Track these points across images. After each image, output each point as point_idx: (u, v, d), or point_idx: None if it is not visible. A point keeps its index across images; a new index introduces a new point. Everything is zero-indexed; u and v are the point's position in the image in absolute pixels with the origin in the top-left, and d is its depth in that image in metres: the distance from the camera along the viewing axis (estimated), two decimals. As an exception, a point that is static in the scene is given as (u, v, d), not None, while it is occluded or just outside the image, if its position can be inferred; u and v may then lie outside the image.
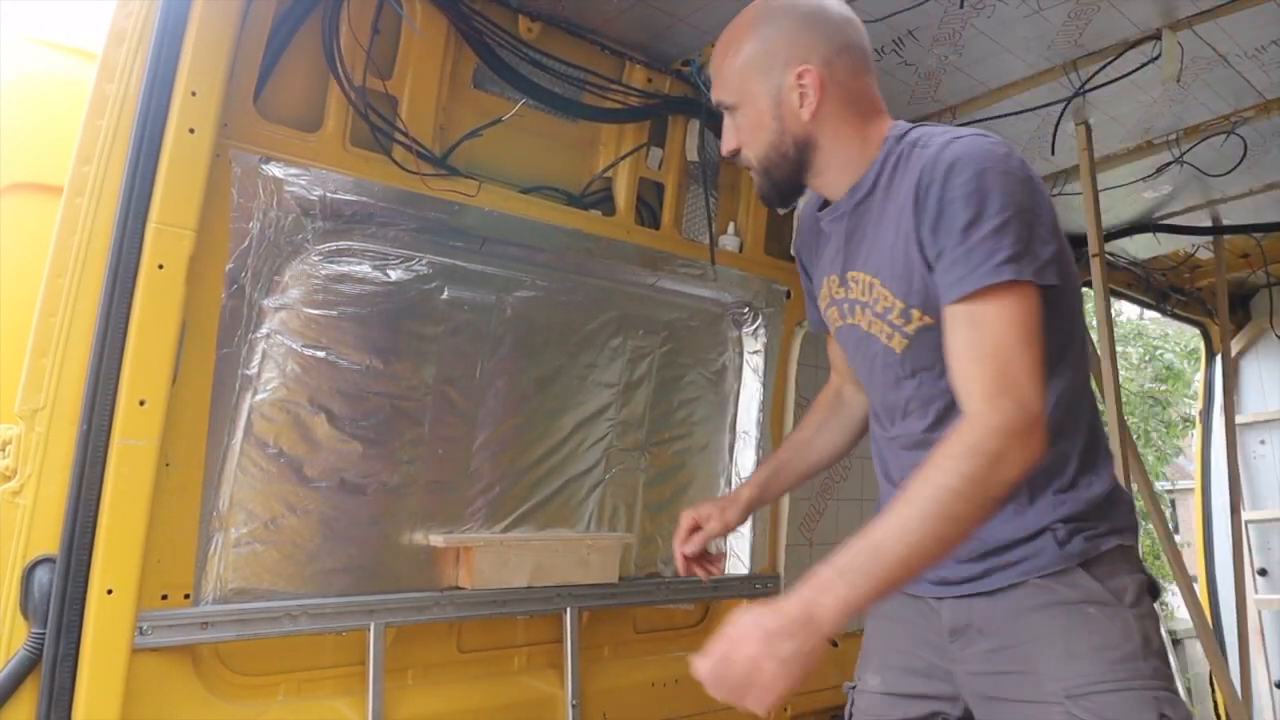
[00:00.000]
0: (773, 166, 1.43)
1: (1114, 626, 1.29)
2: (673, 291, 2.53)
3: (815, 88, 1.36)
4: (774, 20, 1.40)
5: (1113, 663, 1.27)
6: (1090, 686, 1.27)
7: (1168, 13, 2.19)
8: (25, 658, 1.46)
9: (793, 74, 1.36)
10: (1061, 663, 1.30)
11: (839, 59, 1.38)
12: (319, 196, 1.85)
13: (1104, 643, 1.28)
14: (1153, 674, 1.28)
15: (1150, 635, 1.30)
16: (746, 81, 1.40)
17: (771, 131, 1.40)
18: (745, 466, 2.67)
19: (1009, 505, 1.33)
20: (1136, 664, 1.27)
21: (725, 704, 1.17)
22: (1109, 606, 1.30)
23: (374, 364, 1.97)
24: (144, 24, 1.58)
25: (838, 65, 1.38)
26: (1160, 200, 3.40)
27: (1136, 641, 1.29)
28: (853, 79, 1.40)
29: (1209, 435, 4.66)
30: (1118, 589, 1.32)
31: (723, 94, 1.44)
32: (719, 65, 1.45)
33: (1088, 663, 1.29)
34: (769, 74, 1.38)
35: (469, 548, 2.05)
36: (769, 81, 1.38)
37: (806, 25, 1.39)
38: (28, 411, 1.50)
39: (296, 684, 1.84)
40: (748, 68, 1.40)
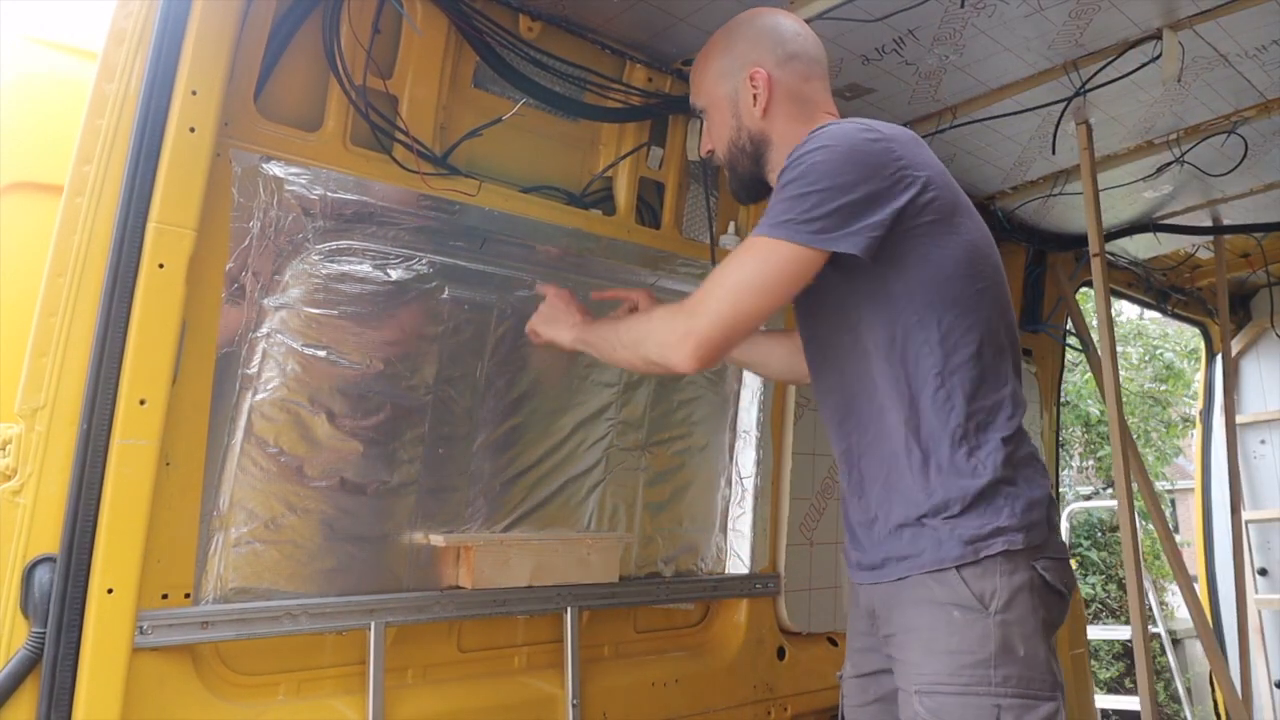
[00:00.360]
0: (735, 161, 1.65)
1: (972, 632, 1.36)
2: (673, 291, 2.52)
3: (765, 87, 1.57)
4: (736, 33, 1.65)
5: (961, 667, 1.35)
6: (935, 686, 1.37)
7: (1168, 12, 2.19)
8: (25, 657, 1.46)
9: (746, 75, 1.59)
10: (921, 658, 1.41)
11: (789, 64, 1.60)
12: (319, 196, 1.85)
13: (958, 646, 1.36)
14: (1002, 681, 1.34)
15: (1012, 642, 1.35)
16: (713, 86, 1.64)
17: (731, 128, 1.62)
18: (745, 466, 2.67)
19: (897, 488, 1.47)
20: (986, 670, 1.34)
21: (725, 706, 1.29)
22: (972, 611, 1.37)
23: (374, 363, 1.97)
24: (144, 24, 1.58)
25: (787, 69, 1.59)
26: (1160, 200, 3.40)
27: (990, 649, 1.35)
28: (802, 83, 1.61)
29: (1209, 435, 4.66)
30: (985, 593, 1.37)
31: (696, 99, 1.70)
32: (695, 76, 1.70)
33: (939, 662, 1.38)
34: (729, 78, 1.61)
35: (469, 547, 2.05)
36: (729, 84, 1.61)
37: (761, 36, 1.62)
38: (28, 411, 1.50)
39: (296, 684, 1.84)
40: (714, 74, 1.64)
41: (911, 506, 1.46)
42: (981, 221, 1.56)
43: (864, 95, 2.54)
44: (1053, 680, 1.39)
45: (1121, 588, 10.14)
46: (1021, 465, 1.46)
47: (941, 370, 1.44)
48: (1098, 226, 2.78)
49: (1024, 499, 1.43)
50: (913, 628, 1.44)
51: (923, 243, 1.43)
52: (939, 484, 1.44)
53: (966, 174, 3.09)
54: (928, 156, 1.49)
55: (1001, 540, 1.39)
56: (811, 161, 1.39)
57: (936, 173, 1.47)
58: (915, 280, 1.44)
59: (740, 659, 2.56)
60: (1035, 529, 1.42)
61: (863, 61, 2.36)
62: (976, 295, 1.47)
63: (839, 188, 1.37)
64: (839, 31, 2.19)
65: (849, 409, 1.57)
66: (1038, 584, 1.40)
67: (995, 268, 1.53)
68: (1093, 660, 7.62)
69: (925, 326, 1.44)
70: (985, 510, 1.41)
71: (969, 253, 1.47)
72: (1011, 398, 1.49)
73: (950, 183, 1.49)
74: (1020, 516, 1.41)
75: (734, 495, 2.67)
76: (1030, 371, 3.73)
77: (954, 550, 1.41)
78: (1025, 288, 3.70)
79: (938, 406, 1.45)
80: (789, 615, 2.68)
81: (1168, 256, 4.12)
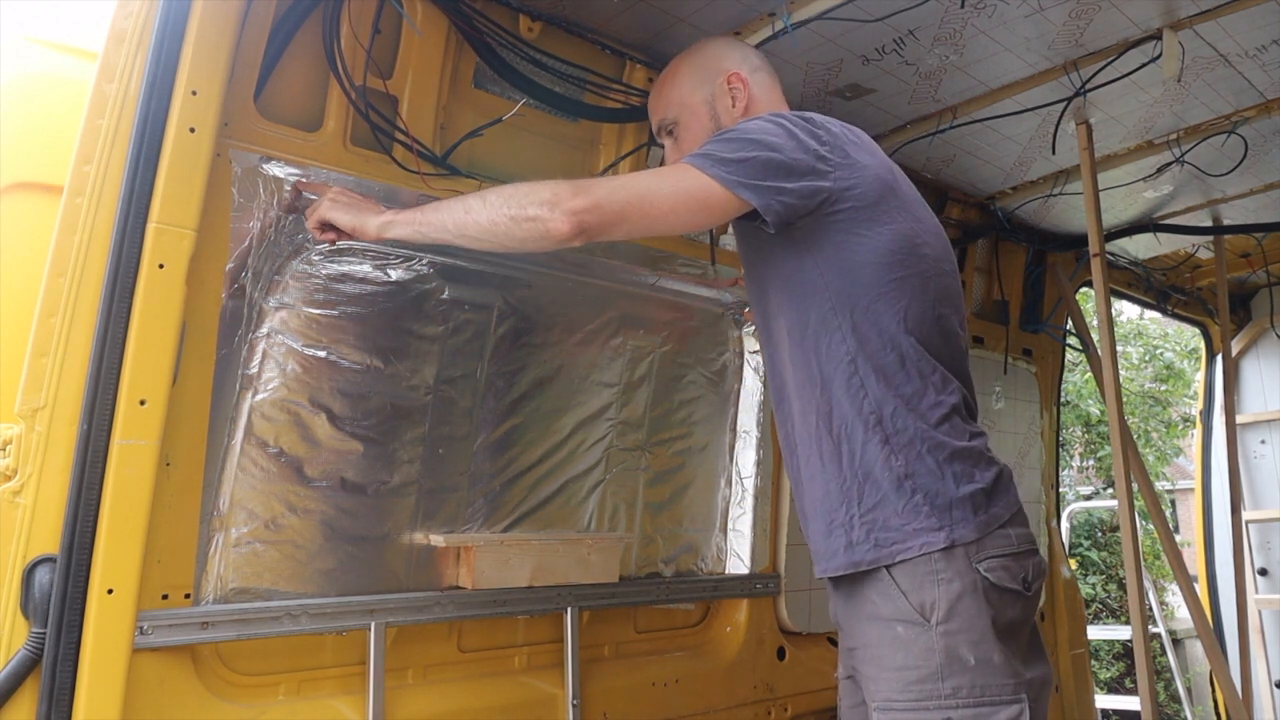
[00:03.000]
0: None
1: (915, 647, 1.36)
2: (673, 291, 2.52)
3: (744, 90, 1.68)
4: (701, 49, 1.76)
5: (909, 683, 1.36)
6: (889, 702, 1.38)
7: (1168, 12, 2.19)
8: (25, 657, 1.46)
9: (723, 79, 1.69)
10: (875, 673, 1.42)
11: (758, 73, 1.73)
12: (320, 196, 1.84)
13: (905, 662, 1.37)
14: (951, 693, 1.33)
15: (958, 651, 1.34)
16: (685, 97, 1.71)
17: (710, 131, 1.66)
18: (746, 466, 2.67)
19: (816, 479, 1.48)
20: (934, 684, 1.34)
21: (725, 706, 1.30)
22: (914, 626, 1.36)
23: (374, 363, 1.97)
24: (144, 24, 1.58)
25: (758, 77, 1.72)
26: (1161, 200, 3.40)
27: (936, 662, 1.34)
28: (768, 92, 1.73)
29: (1209, 435, 4.66)
30: (925, 605, 1.36)
31: (664, 115, 1.75)
32: (656, 98, 1.76)
33: (889, 680, 1.39)
34: (703, 85, 1.70)
35: (469, 547, 2.05)
36: (704, 91, 1.70)
37: (730, 45, 1.77)
38: (28, 411, 1.50)
39: (297, 684, 1.84)
40: (685, 86, 1.72)
41: (826, 500, 1.46)
42: (926, 215, 1.57)
43: (864, 95, 2.54)
44: (1013, 684, 1.35)
45: (1122, 588, 10.15)
46: (955, 457, 1.42)
47: (855, 357, 1.44)
48: (1098, 226, 2.78)
49: (947, 495, 1.39)
50: (866, 643, 1.45)
51: (840, 231, 1.45)
52: (851, 476, 1.43)
53: (966, 174, 3.09)
54: (863, 152, 1.51)
55: (919, 543, 1.36)
56: (746, 124, 1.49)
57: (868, 165, 1.48)
58: (830, 267, 1.46)
59: (740, 659, 2.56)
60: (962, 525, 1.37)
61: (863, 61, 2.36)
62: (896, 283, 1.46)
63: (763, 144, 1.43)
64: (839, 31, 2.19)
65: (780, 395, 1.59)
66: (981, 586, 1.36)
67: (930, 259, 1.52)
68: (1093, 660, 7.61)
69: (839, 313, 1.45)
70: (903, 508, 1.39)
71: (893, 242, 1.47)
72: (940, 384, 1.46)
73: (884, 176, 1.51)
74: (940, 515, 1.37)
75: (734, 495, 2.67)
76: (1030, 371, 3.73)
77: (866, 553, 1.40)
78: (1025, 288, 3.70)
79: (851, 393, 1.43)
80: (789, 615, 2.68)
81: (1168, 256, 4.12)
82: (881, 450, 1.41)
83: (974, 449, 1.45)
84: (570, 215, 1.38)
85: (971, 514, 1.39)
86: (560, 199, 1.39)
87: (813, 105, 2.58)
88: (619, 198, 1.41)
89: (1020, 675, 1.36)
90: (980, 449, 1.47)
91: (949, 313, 1.54)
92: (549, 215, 1.39)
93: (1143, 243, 3.81)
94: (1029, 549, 1.45)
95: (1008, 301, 3.59)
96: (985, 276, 3.57)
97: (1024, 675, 1.37)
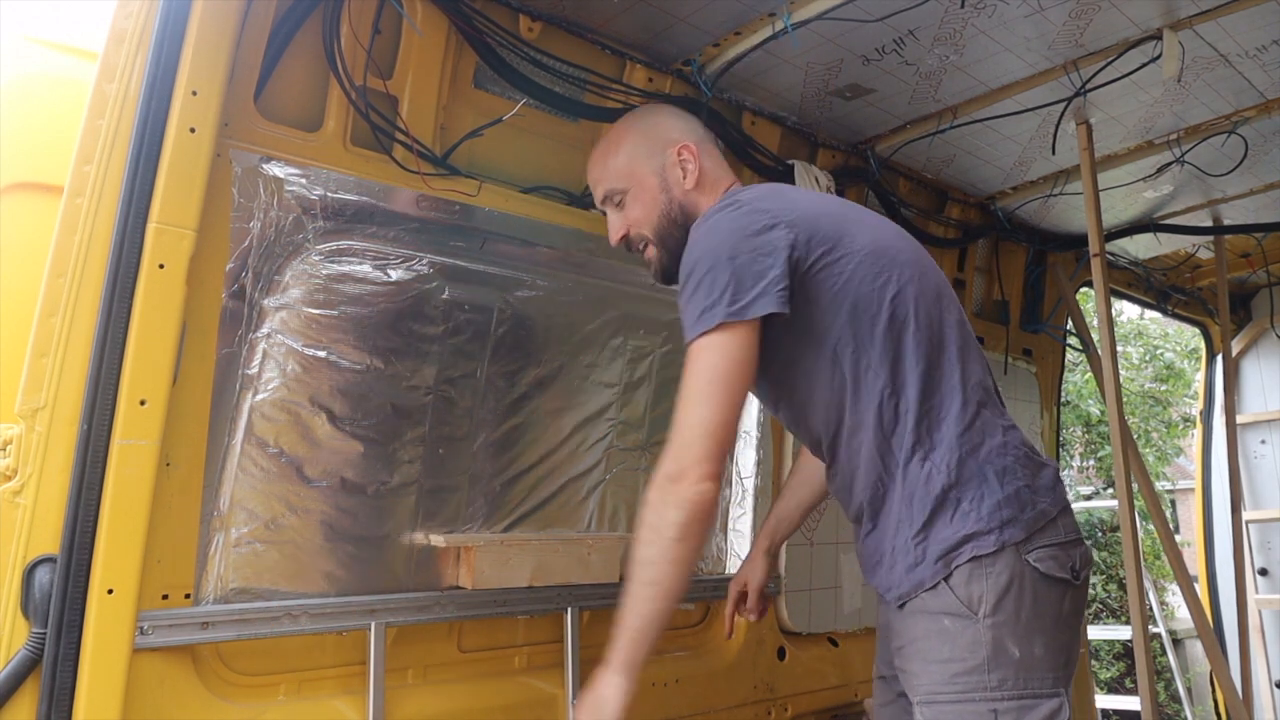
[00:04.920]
0: (666, 236, 1.70)
1: (962, 640, 1.36)
2: (673, 291, 2.51)
3: (695, 162, 1.68)
4: (646, 118, 1.76)
5: (954, 675, 1.36)
6: (934, 695, 1.39)
7: (1168, 12, 2.19)
8: (26, 657, 1.46)
9: (674, 151, 1.68)
10: (920, 668, 1.42)
11: (705, 143, 1.72)
12: (319, 196, 1.85)
13: (951, 655, 1.37)
14: (997, 685, 1.34)
15: (1004, 644, 1.35)
16: (633, 167, 1.70)
17: (662, 203, 1.68)
18: (745, 466, 2.67)
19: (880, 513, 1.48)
20: (981, 676, 1.34)
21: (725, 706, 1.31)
22: (961, 619, 1.37)
23: (374, 363, 1.97)
24: (144, 24, 1.57)
25: (705, 147, 1.72)
26: (1161, 200, 3.40)
27: (983, 654, 1.35)
28: (716, 164, 1.73)
29: (1209, 435, 4.66)
30: (973, 598, 1.37)
31: (611, 185, 1.72)
32: (600, 167, 1.74)
33: (934, 672, 1.39)
34: (652, 156, 1.69)
35: (469, 548, 2.05)
36: (653, 162, 1.69)
37: (676, 116, 1.76)
38: (28, 411, 1.50)
39: (297, 684, 1.84)
40: (632, 157, 1.70)
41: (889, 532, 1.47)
42: (876, 222, 1.60)
43: (864, 95, 2.54)
44: (1054, 676, 1.36)
45: (1122, 588, 10.14)
46: (991, 457, 1.43)
47: (889, 383, 1.45)
48: (1098, 226, 2.78)
49: (992, 498, 1.40)
50: (915, 638, 1.44)
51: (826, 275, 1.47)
52: (903, 501, 1.44)
53: (966, 174, 3.09)
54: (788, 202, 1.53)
55: (969, 547, 1.38)
56: (694, 259, 1.47)
57: (800, 213, 1.50)
58: (831, 308, 1.47)
59: (740, 659, 2.56)
60: (1011, 526, 1.39)
61: (863, 61, 2.36)
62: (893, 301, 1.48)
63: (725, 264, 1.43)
64: (839, 31, 2.19)
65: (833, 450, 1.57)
66: (1030, 577, 1.37)
67: (910, 264, 1.53)
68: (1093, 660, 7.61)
69: (860, 349, 1.47)
70: (952, 518, 1.40)
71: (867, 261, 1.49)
72: (961, 384, 1.47)
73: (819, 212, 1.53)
74: (989, 518, 1.38)
75: (734, 495, 2.67)
76: (1030, 371, 3.73)
77: (928, 571, 1.41)
78: (1025, 288, 3.70)
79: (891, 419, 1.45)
80: (789, 615, 2.68)
81: (1168, 256, 4.12)
82: (922, 469, 1.42)
83: (1008, 444, 1.46)
84: (698, 482, 1.38)
85: (1019, 512, 1.40)
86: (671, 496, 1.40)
87: (813, 105, 2.58)
88: (697, 435, 1.39)
89: (1060, 668, 1.37)
90: (1012, 443, 1.47)
91: (947, 306, 1.55)
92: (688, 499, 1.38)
93: (1143, 243, 3.81)
94: (1075, 537, 1.46)
95: (1008, 301, 3.59)
96: (985, 277, 3.57)
97: (1063, 669, 1.38)
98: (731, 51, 2.28)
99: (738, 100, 2.56)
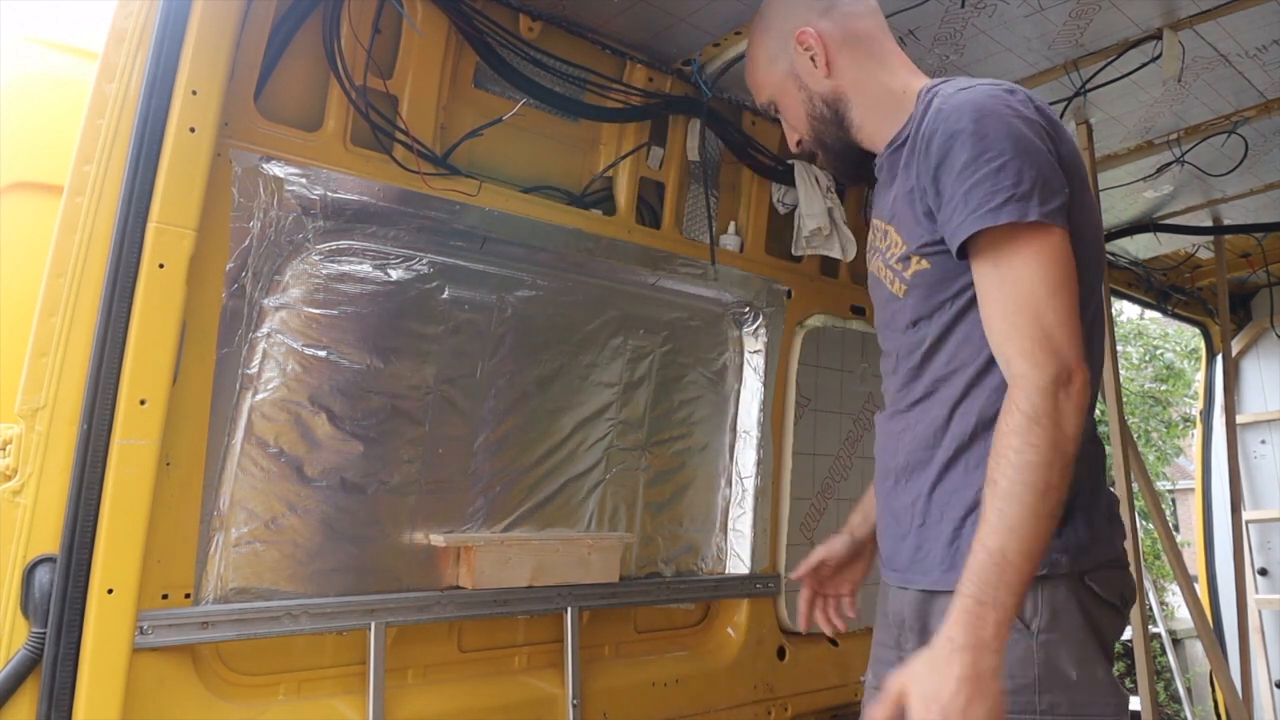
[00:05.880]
0: (821, 134, 1.48)
1: (1013, 654, 1.19)
2: (673, 291, 2.52)
3: (819, 45, 1.42)
4: (766, 15, 1.52)
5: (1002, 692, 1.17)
6: None
7: (1169, 12, 2.19)
8: (25, 657, 1.46)
9: (794, 43, 1.44)
10: None
11: (831, 13, 1.44)
12: (319, 196, 1.85)
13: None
14: (1048, 709, 1.19)
15: (1058, 664, 1.20)
16: (770, 74, 1.50)
17: (804, 102, 1.46)
18: (745, 466, 2.67)
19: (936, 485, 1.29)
20: (1029, 697, 1.20)
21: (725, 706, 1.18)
22: (1013, 632, 1.18)
23: (374, 363, 1.97)
24: (144, 23, 1.58)
25: (832, 18, 1.44)
26: (1161, 200, 3.40)
27: (1034, 673, 1.20)
28: (855, 24, 1.44)
29: (1209, 435, 4.66)
30: (1026, 611, 1.21)
31: (762, 96, 1.53)
32: (750, 76, 1.56)
33: None
34: (781, 56, 1.47)
35: (469, 547, 2.05)
36: (783, 62, 1.47)
37: (791, 3, 1.48)
38: (28, 411, 1.49)
39: (297, 683, 1.84)
40: (765, 63, 1.50)
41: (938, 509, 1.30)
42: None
43: (864, 95, 2.54)
44: (1115, 704, 1.22)
45: (1122, 588, 10.12)
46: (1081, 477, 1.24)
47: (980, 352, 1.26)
48: (1098, 226, 2.78)
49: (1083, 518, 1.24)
50: None
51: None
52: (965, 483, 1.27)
53: (967, 174, 3.09)
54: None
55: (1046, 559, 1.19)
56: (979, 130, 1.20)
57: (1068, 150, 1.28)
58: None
59: (740, 659, 2.56)
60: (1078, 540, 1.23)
61: (863, 61, 2.36)
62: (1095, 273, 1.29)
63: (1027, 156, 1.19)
64: (839, 31, 2.19)
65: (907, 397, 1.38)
66: (1087, 596, 1.24)
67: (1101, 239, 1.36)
68: (1093, 660, 7.56)
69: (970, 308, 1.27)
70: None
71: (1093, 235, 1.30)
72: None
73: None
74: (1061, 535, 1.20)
75: (734, 495, 2.67)
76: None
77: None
78: (1026, 288, 3.69)
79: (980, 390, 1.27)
80: (789, 615, 2.68)
81: (1168, 256, 4.12)
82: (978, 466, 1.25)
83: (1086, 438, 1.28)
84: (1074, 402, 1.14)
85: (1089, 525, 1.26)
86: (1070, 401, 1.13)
87: (813, 105, 2.58)
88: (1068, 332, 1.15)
89: (1124, 696, 1.24)
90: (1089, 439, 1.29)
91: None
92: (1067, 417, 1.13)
93: (1143, 243, 3.81)
94: (1127, 565, 1.33)
95: (1008, 301, 3.58)
96: (985, 276, 3.56)
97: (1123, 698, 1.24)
98: (732, 51, 2.28)
99: (738, 100, 2.56)
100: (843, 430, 2.95)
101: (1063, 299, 1.16)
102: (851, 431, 2.97)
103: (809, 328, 2.79)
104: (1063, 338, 1.15)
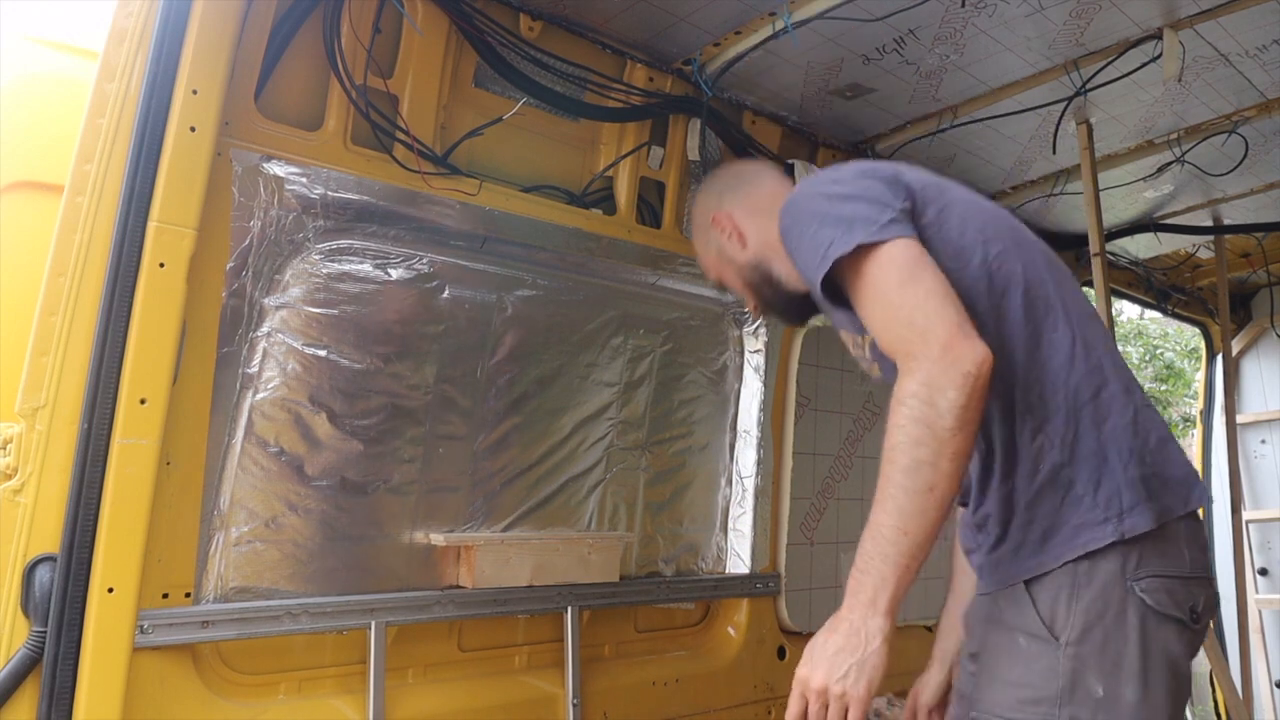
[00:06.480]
0: (763, 295, 1.65)
1: (1038, 665, 1.20)
2: (674, 291, 2.52)
3: (730, 224, 1.61)
4: (692, 212, 1.75)
5: (1020, 702, 1.21)
6: (990, 716, 1.25)
7: (1169, 12, 2.19)
8: (26, 656, 1.46)
9: (714, 229, 1.64)
10: (989, 684, 1.28)
11: (735, 193, 1.63)
12: (320, 195, 1.85)
13: (1021, 678, 1.23)
14: None
15: (1084, 679, 1.17)
16: (708, 258, 1.70)
17: (737, 274, 1.65)
18: (746, 466, 2.67)
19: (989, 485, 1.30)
20: (1049, 709, 1.18)
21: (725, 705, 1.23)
22: (1038, 640, 1.21)
23: (375, 363, 1.97)
24: (145, 23, 1.58)
25: (737, 197, 1.63)
26: (1161, 200, 3.40)
27: (1056, 686, 1.18)
28: (754, 201, 1.61)
29: (1209, 435, 4.66)
30: (1055, 618, 1.20)
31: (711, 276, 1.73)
32: (701, 267, 1.75)
33: (998, 692, 1.25)
34: (710, 242, 1.66)
35: (470, 547, 2.05)
36: (714, 246, 1.66)
37: (703, 197, 1.69)
38: (28, 410, 1.50)
39: (297, 683, 1.84)
40: (703, 250, 1.70)
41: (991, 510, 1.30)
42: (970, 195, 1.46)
43: (864, 95, 2.54)
44: None
45: (1122, 588, 10.11)
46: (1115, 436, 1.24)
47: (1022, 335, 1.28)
48: (1098, 226, 2.78)
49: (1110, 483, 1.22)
50: (987, 649, 1.32)
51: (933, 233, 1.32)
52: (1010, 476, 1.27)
53: (966, 174, 3.09)
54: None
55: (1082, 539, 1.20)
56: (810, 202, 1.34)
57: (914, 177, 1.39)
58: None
59: (740, 659, 2.56)
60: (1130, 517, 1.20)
61: (863, 61, 2.36)
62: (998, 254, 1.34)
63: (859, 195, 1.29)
64: (839, 31, 2.19)
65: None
66: (1134, 607, 1.18)
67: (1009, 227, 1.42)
68: (1093, 660, 7.54)
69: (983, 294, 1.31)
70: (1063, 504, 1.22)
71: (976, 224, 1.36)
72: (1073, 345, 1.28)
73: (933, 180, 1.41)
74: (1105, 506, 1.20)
75: (734, 495, 2.67)
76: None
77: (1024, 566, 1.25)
78: (1026, 287, 3.69)
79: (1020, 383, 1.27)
80: (789, 615, 2.68)
81: (1168, 256, 4.11)
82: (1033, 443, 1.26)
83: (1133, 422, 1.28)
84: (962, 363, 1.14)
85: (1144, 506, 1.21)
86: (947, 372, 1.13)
87: (813, 105, 2.58)
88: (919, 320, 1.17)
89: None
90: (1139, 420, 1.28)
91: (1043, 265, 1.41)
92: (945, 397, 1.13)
93: (1143, 242, 3.81)
94: (1202, 575, 1.26)
95: (1008, 301, 3.58)
96: (985, 276, 3.56)
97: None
98: (732, 51, 2.28)
99: (738, 99, 2.56)
100: (843, 430, 2.95)
101: (912, 290, 1.21)
102: (851, 431, 2.97)
103: (809, 327, 2.79)
104: (925, 319, 1.18)
